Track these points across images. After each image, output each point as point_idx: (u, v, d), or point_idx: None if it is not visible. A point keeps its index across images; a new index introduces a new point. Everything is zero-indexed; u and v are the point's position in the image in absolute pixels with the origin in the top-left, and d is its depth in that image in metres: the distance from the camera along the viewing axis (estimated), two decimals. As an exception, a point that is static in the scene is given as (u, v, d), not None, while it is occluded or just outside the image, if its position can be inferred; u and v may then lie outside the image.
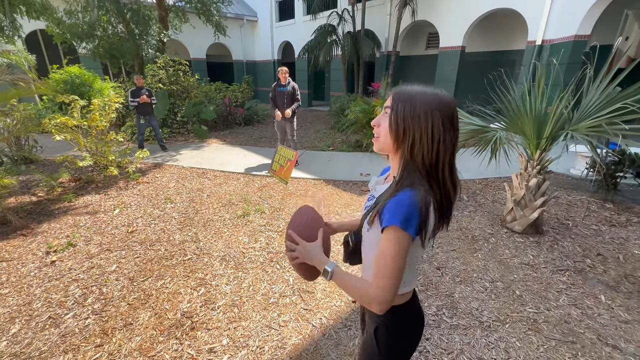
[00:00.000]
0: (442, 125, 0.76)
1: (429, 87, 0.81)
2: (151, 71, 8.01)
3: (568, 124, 2.80)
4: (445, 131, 0.76)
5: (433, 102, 0.77)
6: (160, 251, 2.91)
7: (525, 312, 2.16)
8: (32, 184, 4.47)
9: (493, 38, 9.48)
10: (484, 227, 3.31)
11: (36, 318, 2.12)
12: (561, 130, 2.79)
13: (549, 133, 2.80)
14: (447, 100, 0.78)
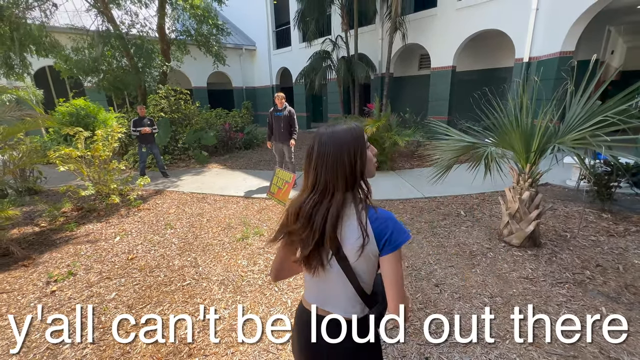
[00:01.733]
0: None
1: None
2: (153, 101, 8.30)
3: (555, 137, 2.88)
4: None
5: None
6: (160, 277, 2.92)
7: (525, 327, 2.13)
8: (35, 215, 4.54)
9: (482, 57, 9.83)
10: (482, 242, 3.32)
11: (34, 350, 2.11)
12: (548, 143, 2.87)
13: (537, 146, 2.88)
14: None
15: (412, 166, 6.68)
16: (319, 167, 0.86)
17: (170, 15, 9.12)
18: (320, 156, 0.86)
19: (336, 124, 0.90)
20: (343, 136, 0.86)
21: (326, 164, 0.85)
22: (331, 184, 0.86)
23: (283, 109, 5.25)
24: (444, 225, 3.77)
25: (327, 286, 0.94)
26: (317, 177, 0.87)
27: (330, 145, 0.85)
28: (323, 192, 0.87)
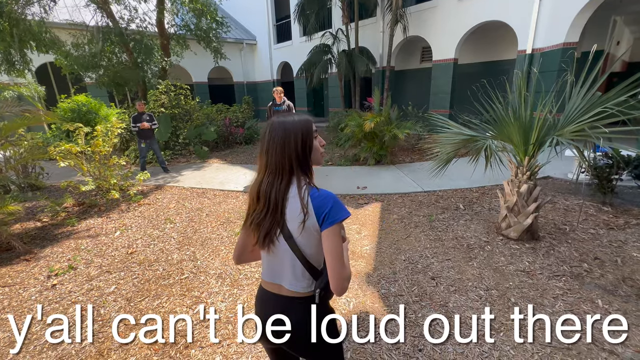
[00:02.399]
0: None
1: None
2: (153, 96, 8.30)
3: (554, 130, 2.85)
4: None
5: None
6: (158, 271, 2.95)
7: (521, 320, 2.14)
8: (37, 210, 4.59)
9: (484, 49, 9.70)
10: (480, 235, 3.31)
11: (35, 341, 2.15)
12: (547, 136, 2.83)
13: (535, 139, 2.85)
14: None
15: (413, 160, 6.65)
16: (270, 150, 0.95)
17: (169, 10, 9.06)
18: (271, 140, 0.95)
19: (289, 115, 0.99)
20: (292, 125, 0.95)
21: (276, 148, 0.94)
22: (280, 165, 0.95)
23: (282, 103, 5.24)
24: (442, 219, 3.77)
25: (277, 261, 1.01)
26: (269, 159, 0.96)
27: (280, 131, 0.95)
28: (274, 173, 0.96)
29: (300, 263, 0.98)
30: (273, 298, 1.04)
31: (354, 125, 6.28)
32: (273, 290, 1.04)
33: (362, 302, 2.40)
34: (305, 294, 1.01)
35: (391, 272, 2.76)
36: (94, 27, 8.19)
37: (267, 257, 1.04)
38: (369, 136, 6.24)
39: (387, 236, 3.44)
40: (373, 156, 6.32)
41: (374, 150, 6.27)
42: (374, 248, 3.21)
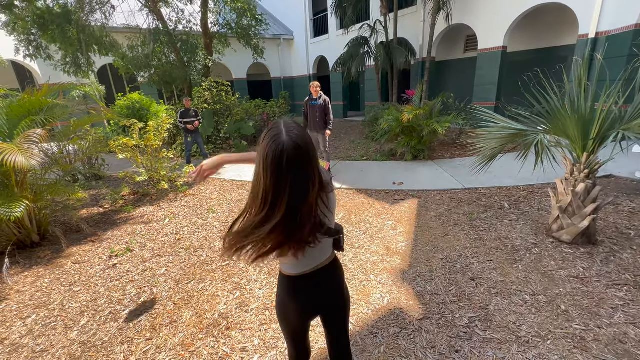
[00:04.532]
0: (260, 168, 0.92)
1: (287, 126, 0.88)
2: (198, 93, 8.80)
3: (619, 123, 2.55)
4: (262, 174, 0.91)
5: (263, 145, 0.91)
6: (202, 257, 3.17)
7: (572, 328, 1.98)
8: (100, 198, 5.14)
9: (538, 35, 8.87)
10: (527, 237, 3.09)
11: (100, 313, 2.44)
12: (611, 130, 2.55)
13: (596, 133, 2.58)
14: (273, 145, 0.85)
15: (453, 156, 6.35)
16: (290, 185, 0.86)
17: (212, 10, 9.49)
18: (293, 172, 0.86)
19: (292, 128, 0.88)
20: (307, 148, 0.88)
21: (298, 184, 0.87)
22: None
23: (318, 98, 5.27)
24: (484, 218, 3.58)
25: (314, 251, 1.07)
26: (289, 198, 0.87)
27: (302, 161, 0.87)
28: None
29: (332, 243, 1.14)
30: (315, 277, 1.14)
31: (391, 119, 6.15)
32: (311, 272, 1.14)
33: (397, 299, 2.38)
34: (333, 255, 1.19)
35: (428, 271, 2.69)
36: (147, 29, 8.86)
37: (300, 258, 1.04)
38: (407, 130, 6.07)
39: (424, 234, 3.35)
40: (410, 151, 6.14)
41: (411, 145, 6.08)
42: (410, 245, 3.15)
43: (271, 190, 0.84)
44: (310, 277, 1.14)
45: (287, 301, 1.18)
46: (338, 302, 1.23)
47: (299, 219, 0.89)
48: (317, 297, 1.18)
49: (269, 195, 0.85)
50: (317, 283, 1.16)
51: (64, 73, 8.65)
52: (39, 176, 3.79)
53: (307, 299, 1.17)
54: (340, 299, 1.23)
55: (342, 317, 1.27)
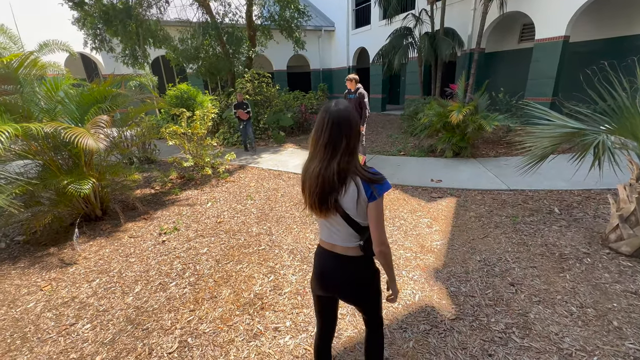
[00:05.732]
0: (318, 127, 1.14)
1: (338, 101, 1.16)
2: (240, 84, 9.14)
3: (703, 125, 2.24)
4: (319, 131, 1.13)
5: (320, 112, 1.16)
6: (241, 240, 3.37)
7: (624, 347, 1.83)
8: (151, 180, 5.62)
9: (607, 23, 7.89)
10: (578, 245, 2.86)
11: (151, 283, 2.72)
12: (692, 132, 2.25)
13: (673, 136, 2.29)
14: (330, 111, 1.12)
15: (498, 154, 5.97)
16: (328, 131, 1.09)
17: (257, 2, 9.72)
18: (333, 125, 1.09)
19: (339, 104, 1.14)
20: (346, 111, 1.11)
21: (333, 129, 1.09)
22: (337, 145, 1.09)
23: (355, 91, 5.23)
24: (529, 222, 3.36)
25: (333, 226, 1.21)
26: (326, 139, 1.10)
27: (338, 115, 1.10)
28: (330, 153, 1.10)
29: (350, 226, 1.17)
30: (330, 254, 1.27)
31: (432, 114, 5.92)
32: (329, 248, 1.27)
33: (429, 297, 2.35)
34: (353, 247, 1.22)
35: (463, 271, 2.61)
36: (196, 23, 9.34)
37: (324, 223, 1.23)
38: (449, 126, 5.80)
39: (461, 234, 3.24)
40: (451, 148, 5.88)
41: (453, 142, 5.82)
42: (445, 244, 3.06)
43: (316, 141, 1.12)
44: (327, 253, 1.28)
45: (313, 265, 1.36)
46: (345, 296, 1.33)
47: (322, 176, 1.10)
48: (325, 275, 1.30)
49: (316, 144, 1.12)
50: (329, 264, 1.28)
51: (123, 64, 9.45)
52: (102, 158, 4.24)
53: (318, 271, 1.32)
54: (348, 294, 1.32)
55: (361, 308, 1.41)
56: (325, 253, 1.29)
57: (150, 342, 2.07)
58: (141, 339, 2.11)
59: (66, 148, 3.59)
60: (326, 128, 1.09)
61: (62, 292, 2.64)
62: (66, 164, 3.77)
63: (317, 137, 1.11)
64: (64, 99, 3.79)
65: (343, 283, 1.28)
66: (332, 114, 1.09)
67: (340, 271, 1.27)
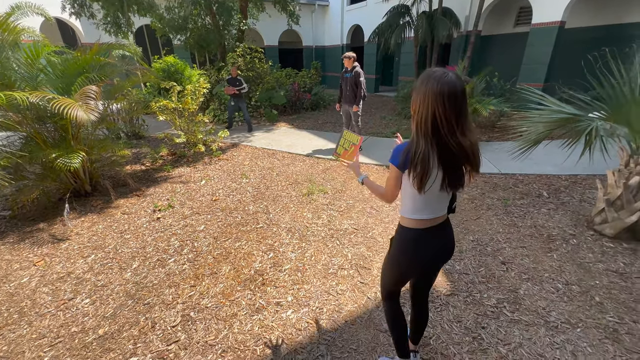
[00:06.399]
0: (434, 100, 1.03)
1: (445, 70, 1.06)
2: (231, 59, 8.80)
3: (693, 114, 2.32)
4: (438, 105, 1.02)
5: (431, 82, 1.04)
6: (238, 218, 3.36)
7: (604, 320, 1.97)
8: (141, 156, 5.45)
9: (605, 9, 7.92)
10: (565, 227, 3.00)
11: (149, 259, 2.70)
12: (682, 120, 2.33)
13: (664, 124, 2.37)
14: (446, 81, 1.02)
15: (490, 138, 6.07)
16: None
17: (249, -29, 9.21)
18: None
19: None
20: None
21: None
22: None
23: (351, 70, 5.12)
24: (520, 205, 3.48)
25: (441, 201, 1.24)
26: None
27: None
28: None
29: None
30: (439, 226, 1.29)
31: (428, 96, 5.89)
32: (433, 224, 1.27)
33: (425, 274, 2.44)
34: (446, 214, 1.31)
35: (457, 251, 2.71)
36: (184, -10, 8.79)
37: (431, 200, 1.20)
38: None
39: (455, 215, 3.33)
40: (445, 131, 5.91)
41: (446, 125, 5.85)
42: (440, 225, 3.15)
43: (447, 117, 1.03)
44: (440, 227, 1.29)
45: (418, 247, 1.30)
46: (448, 256, 1.37)
47: (458, 148, 1.07)
48: (448, 246, 1.34)
49: (447, 121, 1.04)
50: (444, 234, 1.32)
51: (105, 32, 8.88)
52: (89, 132, 4.06)
53: (440, 245, 1.32)
54: (451, 254, 1.38)
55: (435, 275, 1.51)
56: (434, 228, 1.27)
57: (153, 316, 2.09)
58: (143, 313, 2.12)
59: (52, 120, 3.42)
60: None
61: (56, 268, 2.60)
62: (52, 137, 3.60)
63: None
64: (46, 67, 3.56)
65: (453, 244, 1.37)
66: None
67: (450, 235, 1.35)
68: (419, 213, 1.24)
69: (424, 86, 1.05)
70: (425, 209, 1.23)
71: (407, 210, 1.26)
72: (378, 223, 3.19)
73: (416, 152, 1.08)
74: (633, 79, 2.54)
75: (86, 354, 1.83)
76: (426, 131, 1.07)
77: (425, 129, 1.07)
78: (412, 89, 1.13)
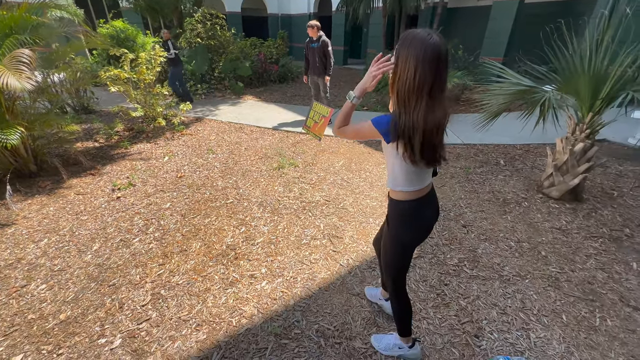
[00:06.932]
0: (414, 67, 0.97)
1: (429, 31, 0.99)
2: (190, 25, 8.09)
3: (631, 84, 2.55)
4: (418, 71, 0.96)
5: (416, 46, 0.96)
6: (206, 194, 3.24)
7: (548, 270, 2.22)
8: (93, 132, 4.99)
9: (561, -15, 8.24)
10: (518, 192, 3.26)
11: (111, 240, 2.55)
12: (622, 90, 2.55)
13: (606, 93, 2.58)
14: (430, 43, 0.95)
15: (455, 111, 6.29)
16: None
17: None
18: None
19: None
20: None
21: None
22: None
23: (317, 40, 4.94)
24: (479, 173, 3.70)
25: (427, 171, 1.24)
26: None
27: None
28: None
29: None
30: (430, 193, 1.30)
31: (396, 68, 5.89)
32: (427, 191, 1.27)
33: (393, 240, 2.56)
34: None
35: (423, 217, 2.85)
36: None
37: (421, 171, 1.21)
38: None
39: (421, 184, 3.48)
40: (412, 104, 6.02)
41: (414, 98, 5.94)
42: (407, 194, 3.28)
43: (431, 81, 0.98)
44: (427, 195, 1.28)
45: (422, 218, 1.29)
46: (437, 217, 1.38)
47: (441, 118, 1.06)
48: (437, 210, 1.35)
49: (429, 86, 0.99)
50: (435, 200, 1.34)
51: (36, -11, 7.69)
52: (27, 105, 3.60)
53: (432, 210, 1.32)
54: (439, 214, 1.40)
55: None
56: (425, 197, 1.26)
57: (120, 297, 2.00)
58: (108, 294, 2.03)
59: (-23, 90, 2.96)
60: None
61: (3, 255, 2.37)
62: (-19, 110, 3.15)
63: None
64: (-38, 27, 3.04)
65: (438, 205, 1.40)
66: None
67: (436, 197, 1.37)
68: (412, 185, 1.21)
69: (406, 49, 0.98)
70: (417, 180, 1.21)
71: (400, 184, 1.22)
72: (349, 194, 3.25)
73: (403, 123, 1.02)
74: (583, 51, 2.71)
75: (47, 339, 1.73)
76: (409, 98, 1.00)
77: (408, 95, 1.00)
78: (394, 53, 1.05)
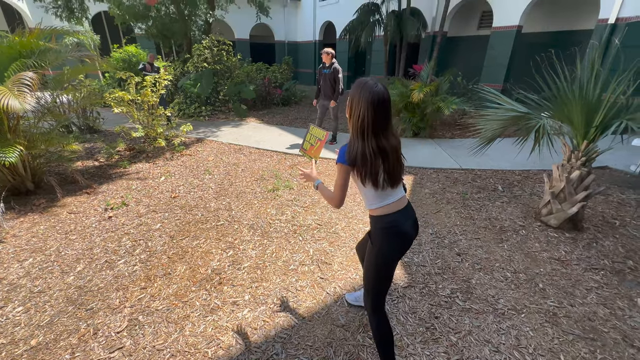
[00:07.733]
0: (364, 108, 1.20)
1: (376, 80, 1.23)
2: (197, 51, 8.43)
3: (625, 113, 2.53)
4: (367, 111, 1.20)
5: (364, 91, 1.20)
6: (197, 216, 3.22)
7: (546, 305, 2.10)
8: (95, 151, 5.08)
9: (557, 17, 8.50)
10: (515, 219, 3.17)
11: (96, 261, 2.51)
12: (615, 119, 2.53)
13: (600, 121, 2.56)
14: (375, 91, 1.19)
15: (453, 135, 6.31)
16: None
17: (216, -41, 8.85)
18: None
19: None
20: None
21: None
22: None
23: (329, 66, 5.15)
24: (477, 198, 3.63)
25: (398, 187, 1.38)
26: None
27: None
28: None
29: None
30: (407, 207, 1.40)
31: (395, 94, 6.00)
32: (402, 205, 1.38)
33: (384, 267, 2.47)
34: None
35: (416, 244, 2.77)
36: (145, -25, 8.26)
37: (391, 191, 1.34)
38: (410, 107, 5.96)
39: (416, 209, 3.38)
40: (412, 128, 6.07)
41: (413, 122, 6.01)
42: (402, 219, 3.21)
43: (375, 122, 1.21)
44: (404, 209, 1.38)
45: (402, 228, 1.36)
46: (417, 232, 1.45)
47: (392, 150, 1.28)
48: (414, 223, 1.42)
49: (374, 122, 1.21)
50: (411, 213, 1.42)
51: (55, 17, 8.17)
52: (32, 124, 3.70)
53: (409, 224, 1.38)
54: (418, 229, 1.47)
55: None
56: (403, 210, 1.37)
57: (96, 322, 1.93)
58: (84, 319, 1.96)
59: (-18, 110, 3.06)
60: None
61: (-14, 274, 2.34)
62: (-16, 129, 3.23)
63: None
64: (-25, 51, 3.19)
65: (416, 219, 1.46)
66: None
67: (414, 211, 1.46)
68: (384, 200, 1.33)
69: (359, 93, 1.22)
70: (386, 195, 1.33)
71: (372, 202, 1.35)
72: (342, 218, 3.20)
73: (356, 150, 1.24)
74: (575, 80, 2.73)
75: (14, 367, 1.65)
76: (362, 131, 1.23)
77: (361, 129, 1.23)
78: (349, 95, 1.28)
